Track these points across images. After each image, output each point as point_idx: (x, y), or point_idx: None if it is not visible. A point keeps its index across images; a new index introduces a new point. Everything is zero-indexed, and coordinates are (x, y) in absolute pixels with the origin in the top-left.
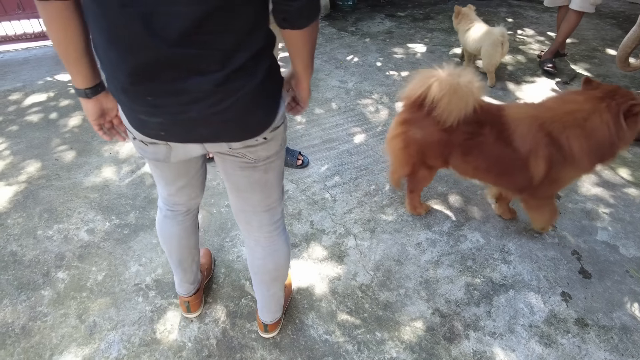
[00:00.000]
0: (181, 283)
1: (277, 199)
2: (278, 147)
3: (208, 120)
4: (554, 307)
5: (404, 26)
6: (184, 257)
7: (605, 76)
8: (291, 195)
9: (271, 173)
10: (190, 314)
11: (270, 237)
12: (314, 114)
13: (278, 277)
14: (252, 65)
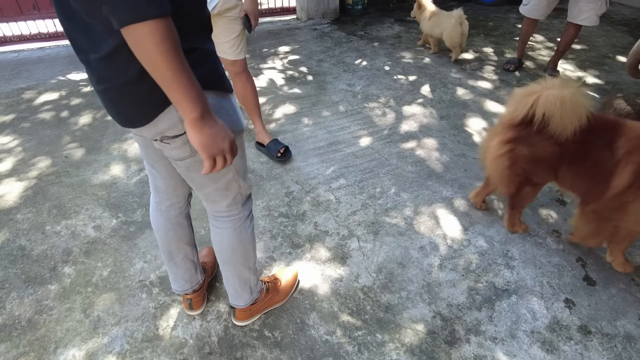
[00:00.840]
0: (175, 278)
1: (215, 195)
2: (188, 153)
3: (100, 96)
4: (557, 314)
5: (413, 31)
6: (173, 250)
7: (615, 83)
8: (296, 196)
9: (195, 173)
10: (192, 311)
11: (215, 220)
12: (320, 116)
13: (226, 260)
14: (124, 60)
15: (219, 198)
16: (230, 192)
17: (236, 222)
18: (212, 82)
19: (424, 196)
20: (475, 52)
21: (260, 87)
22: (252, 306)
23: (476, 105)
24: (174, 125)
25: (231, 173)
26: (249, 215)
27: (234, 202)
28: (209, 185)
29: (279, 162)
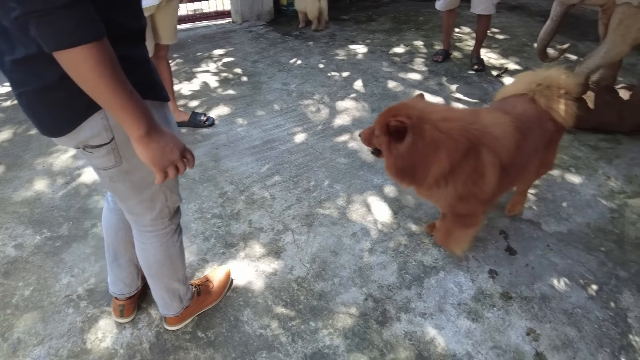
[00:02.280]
0: (116, 281)
1: (139, 207)
2: (113, 163)
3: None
4: (482, 284)
5: (347, 29)
6: (120, 251)
7: (533, 69)
8: (230, 196)
9: (119, 184)
10: (123, 318)
11: (139, 235)
12: (255, 115)
13: (153, 274)
14: (41, 65)
15: (144, 211)
16: (156, 205)
17: (162, 238)
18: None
19: (356, 186)
20: (407, 46)
21: (193, 90)
22: (183, 311)
23: (406, 96)
24: (98, 133)
25: (157, 184)
26: (177, 229)
27: (159, 215)
28: (134, 197)
29: (207, 128)
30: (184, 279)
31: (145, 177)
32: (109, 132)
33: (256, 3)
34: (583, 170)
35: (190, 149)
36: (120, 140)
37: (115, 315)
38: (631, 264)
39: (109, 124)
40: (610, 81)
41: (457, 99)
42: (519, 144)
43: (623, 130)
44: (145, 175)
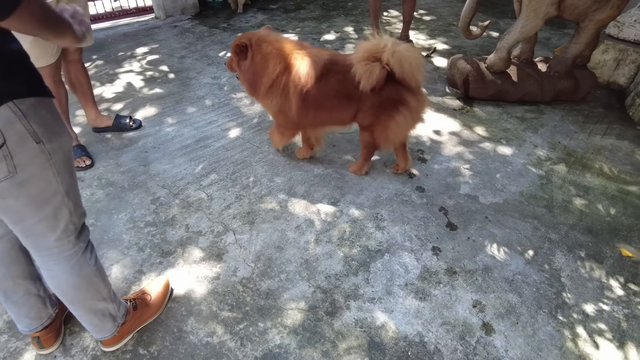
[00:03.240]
0: (18, 318)
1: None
2: (5, 173)
3: None
4: (426, 262)
5: (276, 18)
6: (8, 289)
7: (460, 47)
8: (163, 201)
9: (12, 200)
10: (43, 350)
11: (43, 262)
12: (185, 113)
13: (72, 301)
14: None
15: (45, 231)
16: (60, 221)
17: (71, 259)
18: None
19: (297, 177)
20: (337, 32)
21: (117, 93)
22: (120, 328)
23: None
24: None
25: (59, 196)
26: (88, 247)
27: (64, 233)
28: (32, 215)
29: (133, 131)
30: (111, 295)
31: (44, 188)
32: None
33: None
34: (513, 142)
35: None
36: (14, 143)
37: (36, 349)
38: (560, 226)
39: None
40: (529, 55)
41: None
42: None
43: (544, 100)
44: (45, 186)
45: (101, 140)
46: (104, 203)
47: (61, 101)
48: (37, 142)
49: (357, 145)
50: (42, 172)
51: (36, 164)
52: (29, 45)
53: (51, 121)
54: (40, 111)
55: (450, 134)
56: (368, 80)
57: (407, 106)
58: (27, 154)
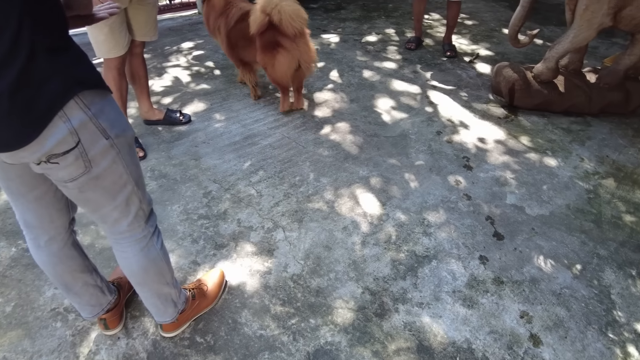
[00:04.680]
0: (81, 307)
1: (115, 213)
2: (82, 170)
3: None
4: (474, 271)
5: (317, 17)
6: (69, 282)
7: (503, 54)
8: (215, 195)
9: (90, 193)
10: (109, 330)
11: (117, 244)
12: (233, 110)
13: (140, 282)
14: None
15: (120, 217)
16: (132, 208)
17: (141, 242)
18: (98, 79)
19: (343, 178)
20: (378, 34)
21: (165, 87)
22: (179, 316)
23: (383, 86)
24: (63, 139)
25: (130, 185)
26: (155, 232)
27: (135, 219)
28: (107, 204)
29: (183, 125)
30: (174, 281)
31: (116, 180)
32: (74, 135)
33: None
34: (559, 153)
35: None
36: (87, 141)
37: (101, 329)
38: (609, 242)
39: (73, 125)
40: (578, 65)
41: (433, 86)
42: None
43: (592, 112)
44: (117, 178)
45: (153, 132)
46: (158, 194)
47: (122, 93)
48: (106, 139)
49: (401, 149)
50: (113, 165)
51: (107, 158)
52: (103, 37)
53: (115, 117)
54: (106, 109)
55: (495, 142)
56: (252, 25)
57: (284, 48)
58: (98, 149)
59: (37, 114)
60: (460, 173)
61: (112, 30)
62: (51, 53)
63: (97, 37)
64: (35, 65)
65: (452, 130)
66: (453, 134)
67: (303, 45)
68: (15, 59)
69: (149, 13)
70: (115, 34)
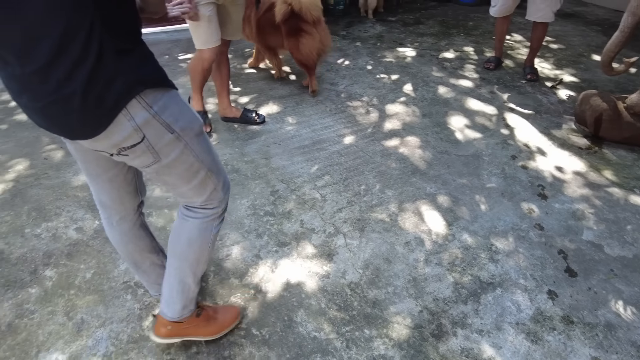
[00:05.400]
0: (149, 285)
1: (190, 193)
2: (152, 160)
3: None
4: (541, 305)
5: (395, 31)
6: (138, 260)
7: (590, 81)
8: (281, 195)
9: (166, 176)
10: None
11: (186, 210)
12: (304, 115)
13: (176, 253)
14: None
15: (195, 195)
16: (206, 190)
17: (206, 217)
18: (161, 78)
19: (408, 192)
20: (456, 52)
21: (243, 87)
22: (175, 324)
23: (458, 103)
24: (128, 135)
25: (203, 171)
26: (221, 216)
27: (209, 198)
28: (183, 185)
29: (258, 125)
30: (199, 280)
31: (188, 168)
32: (138, 132)
33: None
34: None
35: None
36: (152, 136)
37: None
38: None
39: (137, 124)
40: None
41: (510, 109)
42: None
43: None
44: (188, 166)
45: (229, 129)
46: None
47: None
48: (171, 133)
49: (473, 169)
50: (182, 155)
51: (176, 150)
52: (201, 30)
53: (180, 112)
54: (170, 106)
55: (574, 173)
56: (278, 15)
57: (307, 32)
58: (165, 143)
59: (103, 112)
60: (533, 201)
61: (209, 24)
62: (117, 54)
63: (196, 29)
64: (102, 65)
65: (528, 156)
66: (529, 159)
67: (322, 31)
68: (87, 59)
69: (237, 14)
70: (212, 28)
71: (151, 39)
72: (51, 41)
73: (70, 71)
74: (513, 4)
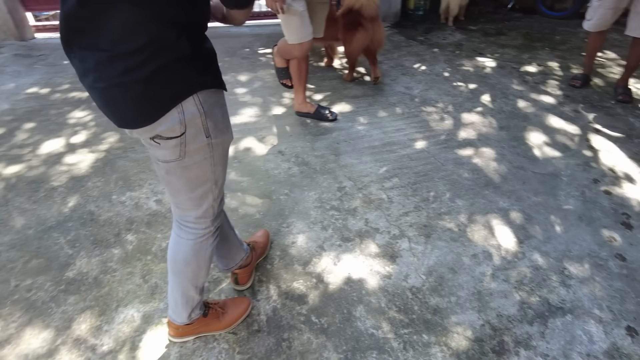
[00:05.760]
0: (219, 258)
1: (188, 203)
2: (176, 156)
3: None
4: (617, 340)
5: (474, 40)
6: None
7: None
8: (348, 192)
9: (173, 177)
10: (238, 286)
11: (178, 228)
12: (376, 116)
13: (175, 272)
14: (140, 56)
15: (191, 207)
16: (203, 204)
17: (199, 237)
18: (221, 80)
19: (479, 205)
20: (539, 66)
21: (318, 84)
22: (184, 326)
23: (538, 119)
24: (172, 127)
25: (209, 183)
26: (214, 234)
27: (204, 215)
28: (185, 192)
29: (330, 122)
30: (202, 289)
31: (200, 175)
32: (182, 126)
33: (384, 3)
34: None
35: None
36: (191, 134)
37: (232, 283)
38: None
39: (184, 118)
40: None
41: (596, 130)
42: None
43: None
44: (201, 173)
45: (302, 123)
46: (298, 179)
47: (302, 75)
48: (207, 137)
49: (550, 189)
50: (203, 161)
51: (200, 154)
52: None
53: (221, 120)
54: (215, 110)
55: None
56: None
57: (363, 27)
58: (197, 145)
59: (161, 103)
60: (616, 229)
61: (302, 21)
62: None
63: (289, 26)
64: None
65: (612, 181)
66: (613, 185)
67: (377, 27)
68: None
69: (323, 12)
70: (305, 24)
71: (233, 31)
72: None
73: (142, 61)
74: (611, 18)
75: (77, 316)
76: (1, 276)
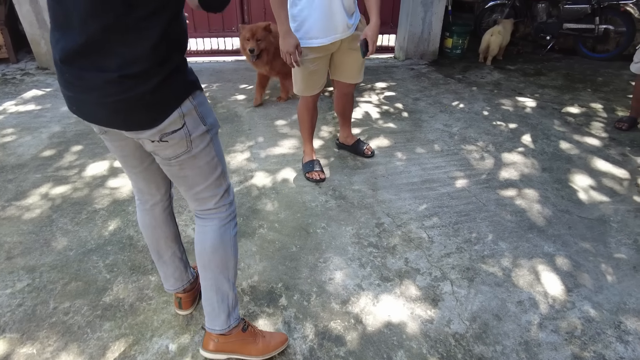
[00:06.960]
0: (166, 277)
1: (206, 192)
2: (184, 148)
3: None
4: None
5: (513, 79)
6: (161, 248)
7: None
8: (386, 228)
9: (188, 170)
10: (182, 310)
11: (201, 219)
12: (415, 152)
13: (205, 264)
14: (146, 75)
15: (210, 196)
16: (220, 188)
17: (222, 220)
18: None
19: (524, 248)
20: (582, 107)
21: (356, 119)
22: (223, 337)
23: (582, 162)
24: (174, 121)
25: (219, 168)
26: (234, 218)
27: (222, 198)
28: (201, 182)
29: (367, 158)
30: (234, 282)
31: (209, 161)
32: (182, 119)
33: (422, 42)
34: None
35: None
36: (191, 125)
37: (175, 307)
38: None
39: (182, 111)
40: None
41: None
42: None
43: None
44: (210, 159)
45: (339, 157)
46: (335, 212)
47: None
48: (204, 125)
49: (598, 235)
50: (207, 148)
51: (203, 141)
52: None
53: (209, 111)
54: (204, 103)
55: None
56: None
57: None
58: (198, 133)
59: (167, 107)
60: None
61: (310, 77)
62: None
63: (296, 77)
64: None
65: None
66: None
67: None
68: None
69: (355, 58)
70: (312, 80)
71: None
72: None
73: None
74: None
75: (111, 344)
76: (41, 297)
